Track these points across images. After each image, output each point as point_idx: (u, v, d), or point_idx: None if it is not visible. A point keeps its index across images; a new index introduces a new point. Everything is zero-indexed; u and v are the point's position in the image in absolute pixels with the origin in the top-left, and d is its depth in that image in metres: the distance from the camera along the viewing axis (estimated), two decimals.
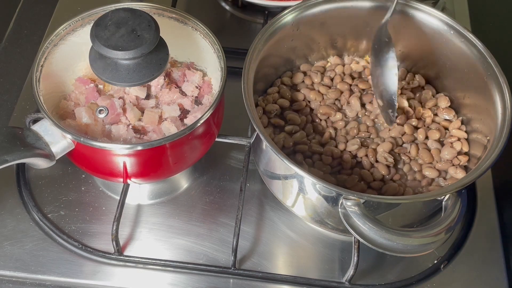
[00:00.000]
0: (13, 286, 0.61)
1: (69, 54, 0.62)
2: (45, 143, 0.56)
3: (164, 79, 0.62)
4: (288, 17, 0.65)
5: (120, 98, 0.60)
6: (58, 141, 0.56)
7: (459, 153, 0.63)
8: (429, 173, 0.62)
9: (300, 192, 0.58)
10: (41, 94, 0.58)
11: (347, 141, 0.64)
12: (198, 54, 0.64)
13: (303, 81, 0.69)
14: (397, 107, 0.63)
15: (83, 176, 0.68)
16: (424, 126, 0.65)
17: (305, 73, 0.70)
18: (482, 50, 0.62)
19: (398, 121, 0.65)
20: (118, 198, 0.63)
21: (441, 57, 0.67)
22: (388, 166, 0.62)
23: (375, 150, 0.63)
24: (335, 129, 0.65)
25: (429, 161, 0.63)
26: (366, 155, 0.63)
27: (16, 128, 0.57)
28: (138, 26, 0.55)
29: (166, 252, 0.63)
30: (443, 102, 0.67)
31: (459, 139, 0.64)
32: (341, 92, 0.68)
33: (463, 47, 0.64)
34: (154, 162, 0.59)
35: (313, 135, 0.65)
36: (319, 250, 0.64)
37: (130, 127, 0.59)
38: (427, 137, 0.64)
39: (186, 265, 0.62)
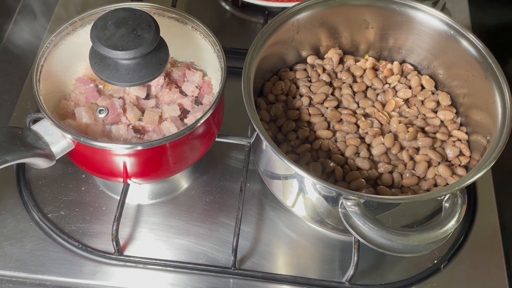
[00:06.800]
0: (13, 286, 0.61)
1: (69, 54, 0.62)
2: (45, 143, 0.56)
3: (164, 79, 0.62)
4: (288, 17, 0.65)
5: (120, 98, 0.60)
6: (58, 141, 0.56)
7: (460, 153, 0.63)
8: (429, 173, 0.62)
9: (300, 192, 0.58)
10: (41, 94, 0.58)
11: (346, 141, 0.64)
12: (198, 54, 0.64)
13: (302, 80, 0.69)
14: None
15: (83, 176, 0.68)
16: (426, 125, 0.65)
17: (305, 72, 0.70)
18: (482, 50, 0.62)
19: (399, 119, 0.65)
20: (118, 198, 0.63)
21: (441, 57, 0.67)
22: (387, 165, 0.62)
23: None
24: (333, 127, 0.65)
25: (429, 160, 0.63)
26: (368, 157, 0.63)
27: (16, 128, 0.57)
28: (138, 26, 0.55)
29: (166, 252, 0.63)
30: (444, 99, 0.67)
31: (459, 140, 0.64)
32: (340, 90, 0.68)
33: (463, 47, 0.64)
34: (154, 162, 0.59)
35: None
36: (319, 250, 0.64)
37: (130, 127, 0.59)
38: (427, 137, 0.64)
39: (186, 265, 0.62)
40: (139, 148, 0.56)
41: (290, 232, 0.65)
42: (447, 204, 0.54)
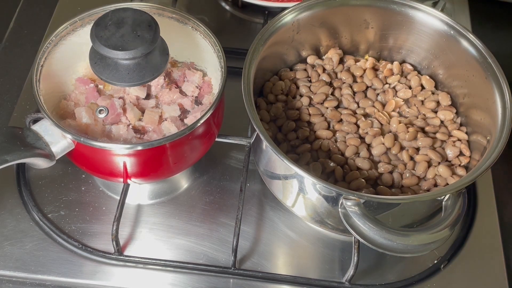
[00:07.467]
0: (13, 286, 0.61)
1: (69, 54, 0.62)
2: (45, 143, 0.56)
3: (164, 79, 0.62)
4: (288, 17, 0.65)
5: (120, 98, 0.60)
6: (58, 141, 0.56)
7: (460, 153, 0.63)
8: (429, 173, 0.62)
9: (300, 192, 0.58)
10: (41, 94, 0.58)
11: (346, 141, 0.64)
12: (198, 54, 0.64)
13: (302, 80, 0.69)
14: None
15: (83, 176, 0.68)
16: (426, 125, 0.65)
17: (305, 72, 0.70)
18: (482, 50, 0.62)
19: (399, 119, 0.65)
20: (118, 198, 0.63)
21: (441, 57, 0.67)
22: (387, 165, 0.62)
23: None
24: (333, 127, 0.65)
25: (429, 160, 0.63)
26: (368, 157, 0.63)
27: (16, 128, 0.57)
28: (138, 26, 0.55)
29: (166, 252, 0.63)
30: (444, 99, 0.67)
31: (459, 140, 0.64)
32: (340, 90, 0.68)
33: (463, 47, 0.64)
34: (154, 162, 0.59)
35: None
36: (319, 250, 0.64)
37: (130, 127, 0.59)
38: (427, 137, 0.64)
39: (186, 265, 0.62)
40: (139, 148, 0.56)
41: (290, 232, 0.65)
42: (447, 204, 0.54)
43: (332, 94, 0.68)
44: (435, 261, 0.64)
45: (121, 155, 0.57)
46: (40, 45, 0.61)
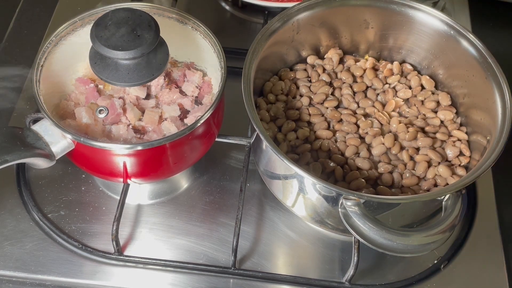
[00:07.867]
0: (13, 286, 0.61)
1: (69, 54, 0.62)
2: (45, 143, 0.56)
3: (164, 79, 0.62)
4: (288, 17, 0.65)
5: (120, 98, 0.60)
6: (58, 141, 0.56)
7: (460, 153, 0.63)
8: (429, 173, 0.62)
9: (300, 192, 0.58)
10: (41, 94, 0.58)
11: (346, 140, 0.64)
12: (198, 54, 0.64)
13: (302, 80, 0.69)
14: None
15: (83, 176, 0.68)
16: (426, 125, 0.65)
17: (305, 72, 0.70)
18: (482, 50, 0.62)
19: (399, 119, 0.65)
20: (118, 198, 0.63)
21: (441, 57, 0.67)
22: (387, 165, 0.62)
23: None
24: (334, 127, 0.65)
25: (429, 160, 0.63)
26: (368, 157, 0.63)
27: (16, 128, 0.57)
28: (138, 26, 0.55)
29: (166, 252, 0.63)
30: (444, 99, 0.67)
31: (459, 140, 0.64)
32: (340, 90, 0.68)
33: (463, 47, 0.64)
34: (154, 162, 0.59)
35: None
36: (319, 250, 0.64)
37: (130, 127, 0.59)
38: (427, 137, 0.64)
39: (186, 265, 0.62)
40: (139, 148, 0.56)
41: (290, 232, 0.65)
42: (447, 204, 0.54)
43: (332, 94, 0.68)
44: (435, 261, 0.64)
45: (121, 155, 0.57)
46: (40, 45, 0.61)
